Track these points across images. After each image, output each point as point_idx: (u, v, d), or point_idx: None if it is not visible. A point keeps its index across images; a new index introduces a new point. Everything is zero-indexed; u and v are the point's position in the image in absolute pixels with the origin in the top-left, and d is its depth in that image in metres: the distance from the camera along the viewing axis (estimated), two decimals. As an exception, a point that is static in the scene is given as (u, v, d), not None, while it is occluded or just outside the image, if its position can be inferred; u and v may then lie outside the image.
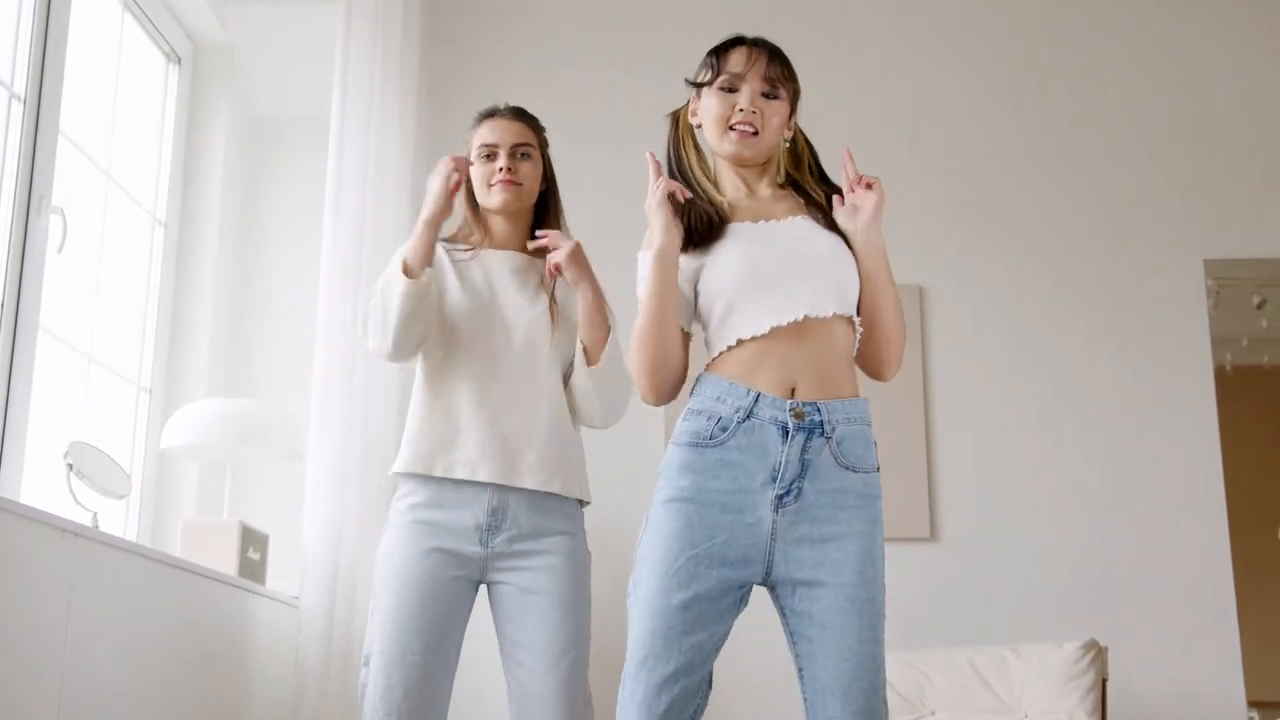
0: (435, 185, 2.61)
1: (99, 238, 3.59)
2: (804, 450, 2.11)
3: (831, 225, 2.26)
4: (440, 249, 2.72)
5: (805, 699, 2.11)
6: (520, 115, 2.79)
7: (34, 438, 3.14)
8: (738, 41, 2.30)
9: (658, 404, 2.23)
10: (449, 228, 2.77)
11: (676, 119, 2.36)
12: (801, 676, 2.11)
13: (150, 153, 3.96)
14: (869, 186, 2.23)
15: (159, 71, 4.02)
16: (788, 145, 2.34)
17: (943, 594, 4.26)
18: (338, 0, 3.89)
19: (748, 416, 2.12)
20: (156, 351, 3.90)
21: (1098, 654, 3.65)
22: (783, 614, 2.15)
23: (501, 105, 2.81)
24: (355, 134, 3.81)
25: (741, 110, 2.24)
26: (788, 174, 2.36)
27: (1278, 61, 4.68)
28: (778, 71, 2.27)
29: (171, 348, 3.96)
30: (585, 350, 2.65)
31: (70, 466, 2.93)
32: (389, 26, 3.97)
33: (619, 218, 4.33)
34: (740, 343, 2.16)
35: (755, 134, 2.25)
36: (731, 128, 2.25)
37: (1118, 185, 4.59)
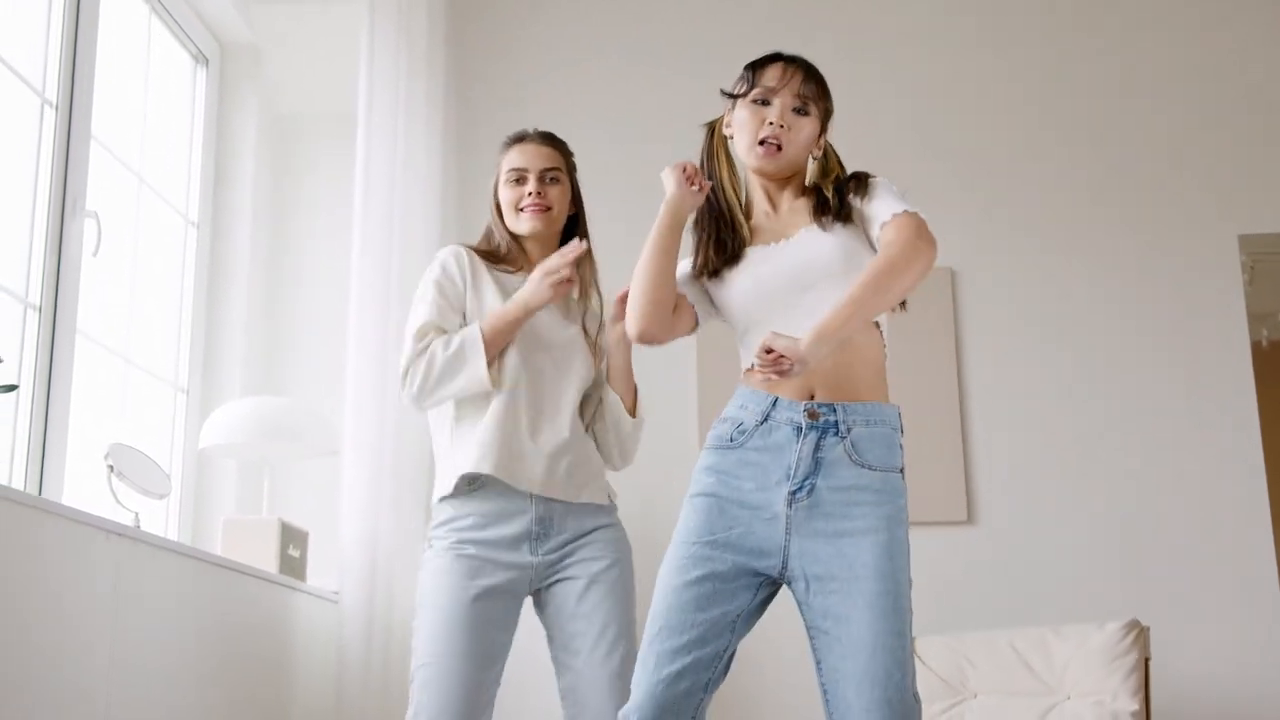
0: (557, 265, 2.62)
1: (133, 240, 3.62)
2: (816, 448, 2.19)
3: (843, 218, 2.27)
4: (481, 264, 2.75)
5: (824, 690, 2.16)
6: (549, 140, 2.82)
7: (75, 440, 3.17)
8: (775, 58, 2.35)
9: (637, 338, 2.32)
10: (482, 242, 2.84)
11: (712, 130, 2.41)
12: (819, 669, 2.16)
13: (181, 154, 3.99)
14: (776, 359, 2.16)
15: (187, 73, 4.05)
16: (817, 161, 2.38)
17: (981, 576, 4.25)
18: (361, -3, 3.90)
19: (765, 419, 2.23)
20: (192, 352, 3.93)
21: (1139, 634, 3.62)
22: (800, 608, 2.21)
23: (530, 130, 2.84)
24: (382, 129, 3.82)
25: (771, 124, 2.28)
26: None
27: (1309, 32, 4.63)
28: (811, 90, 2.32)
29: (207, 348, 3.99)
30: (624, 403, 2.76)
31: (111, 468, 2.95)
32: (413, 21, 3.98)
33: (642, 211, 4.34)
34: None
35: (779, 149, 2.29)
36: (761, 142, 2.29)
37: (1150, 162, 4.56)
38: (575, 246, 2.64)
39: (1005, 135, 4.62)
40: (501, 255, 2.79)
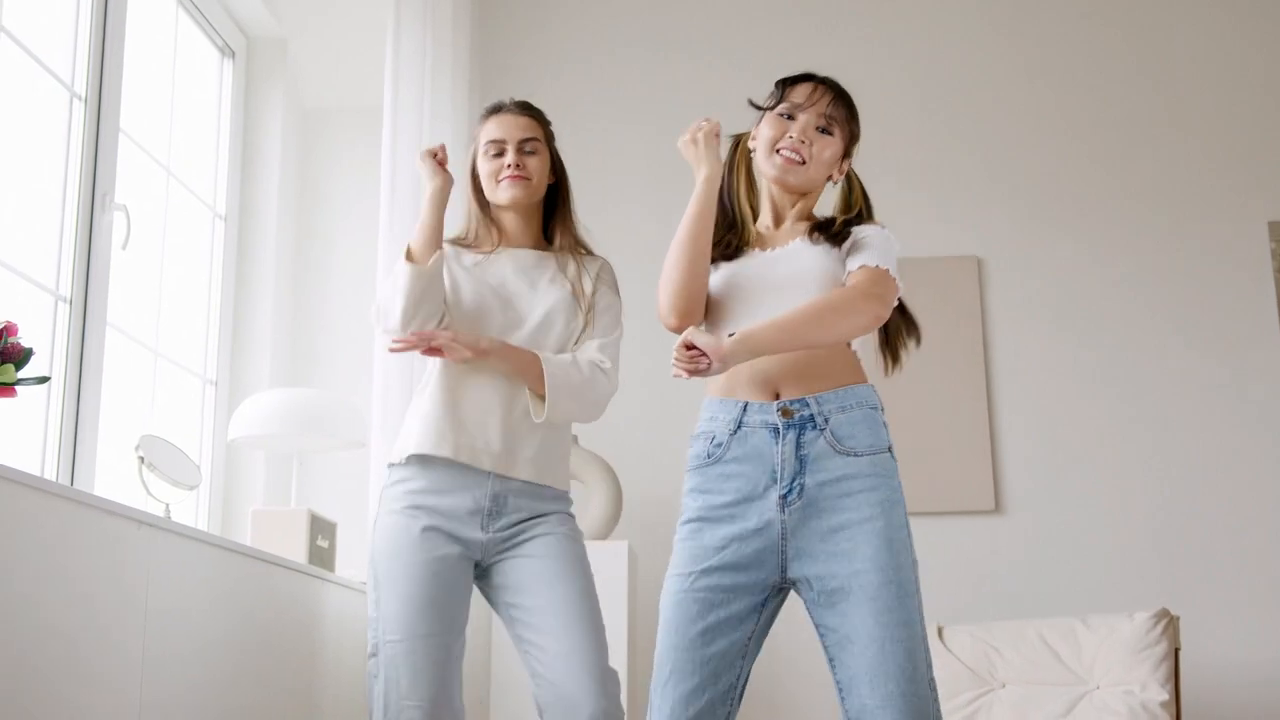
0: (424, 166, 2.70)
1: (161, 233, 3.64)
2: (798, 446, 2.17)
3: (835, 240, 2.27)
4: (450, 251, 2.74)
5: (839, 688, 2.15)
6: (526, 109, 2.79)
7: (105, 432, 3.19)
8: (807, 77, 2.35)
9: (677, 325, 2.24)
10: (455, 230, 2.82)
11: (737, 143, 2.41)
12: (833, 667, 2.16)
13: (208, 147, 4.01)
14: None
15: (214, 66, 4.06)
16: (836, 185, 2.38)
17: (1009, 566, 4.24)
18: (387, -11, 3.91)
19: (738, 427, 2.20)
20: (221, 344, 3.95)
21: (1169, 623, 3.61)
22: (809, 610, 2.20)
23: (507, 100, 2.81)
24: (408, 122, 3.83)
25: (791, 138, 2.29)
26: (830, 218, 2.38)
27: (1341, 17, 4.59)
28: (838, 112, 2.32)
29: (235, 340, 4.02)
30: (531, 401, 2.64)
31: (142, 459, 2.97)
32: (438, 14, 3.98)
33: (665, 198, 4.34)
34: None
35: (801, 163, 2.29)
36: (778, 151, 2.29)
37: (1178, 150, 4.53)
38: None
39: (1032, 123, 4.60)
40: (470, 240, 2.79)
